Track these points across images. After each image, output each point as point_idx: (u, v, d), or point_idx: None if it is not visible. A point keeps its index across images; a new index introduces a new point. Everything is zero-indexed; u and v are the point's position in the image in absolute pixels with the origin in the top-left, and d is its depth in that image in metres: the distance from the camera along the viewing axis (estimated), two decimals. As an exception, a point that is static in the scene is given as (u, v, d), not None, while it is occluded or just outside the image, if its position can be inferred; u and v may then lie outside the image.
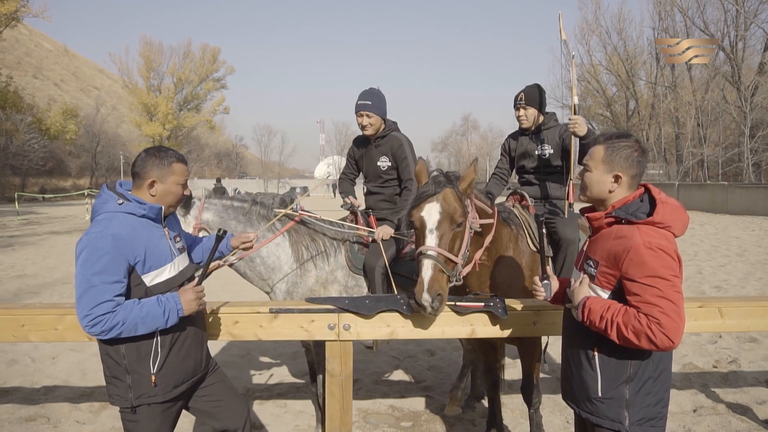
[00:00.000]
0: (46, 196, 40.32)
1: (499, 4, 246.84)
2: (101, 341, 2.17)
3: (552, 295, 2.40)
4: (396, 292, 3.34)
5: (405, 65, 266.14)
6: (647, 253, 1.83)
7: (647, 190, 2.03)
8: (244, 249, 2.94)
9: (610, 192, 2.02)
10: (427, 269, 2.47)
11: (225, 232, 2.53)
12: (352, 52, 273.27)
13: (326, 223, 3.71)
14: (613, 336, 1.87)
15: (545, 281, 2.40)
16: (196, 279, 2.38)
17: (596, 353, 2.00)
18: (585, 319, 1.96)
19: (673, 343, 1.79)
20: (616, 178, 2.00)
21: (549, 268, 2.46)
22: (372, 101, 3.75)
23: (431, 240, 2.54)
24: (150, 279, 2.18)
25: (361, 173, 4.13)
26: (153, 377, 2.18)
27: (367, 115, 3.75)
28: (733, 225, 19.04)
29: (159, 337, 2.19)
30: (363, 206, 3.98)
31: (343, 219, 3.91)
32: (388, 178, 3.86)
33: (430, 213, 2.57)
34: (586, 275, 2.04)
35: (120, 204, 2.17)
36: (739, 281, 8.90)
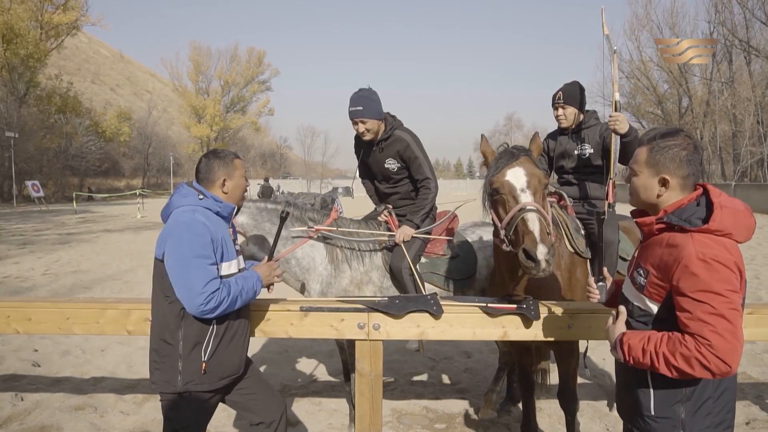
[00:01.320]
0: (94, 195, 42.43)
1: (545, 2, 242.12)
2: (161, 326, 2.32)
3: (607, 297, 2.24)
4: (424, 292, 3.30)
5: (448, 66, 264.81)
6: (700, 266, 1.64)
7: (706, 191, 1.81)
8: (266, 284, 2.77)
9: (658, 197, 1.82)
10: (533, 221, 2.38)
11: (288, 213, 2.71)
12: (394, 52, 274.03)
13: (346, 234, 3.59)
14: (663, 370, 1.68)
15: (600, 283, 2.24)
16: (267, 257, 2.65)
17: None
18: (627, 358, 1.77)
19: (730, 367, 1.59)
20: (664, 182, 1.80)
21: (605, 269, 2.28)
22: (363, 105, 3.48)
23: (526, 197, 2.47)
24: (223, 269, 2.35)
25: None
26: (204, 365, 2.29)
27: (362, 122, 3.51)
28: (795, 228, 17.96)
29: (215, 326, 2.32)
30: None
31: (376, 220, 3.82)
32: (400, 178, 3.72)
33: (517, 175, 2.53)
34: (623, 309, 1.88)
35: (201, 199, 2.36)
36: (800, 287, 8.40)
